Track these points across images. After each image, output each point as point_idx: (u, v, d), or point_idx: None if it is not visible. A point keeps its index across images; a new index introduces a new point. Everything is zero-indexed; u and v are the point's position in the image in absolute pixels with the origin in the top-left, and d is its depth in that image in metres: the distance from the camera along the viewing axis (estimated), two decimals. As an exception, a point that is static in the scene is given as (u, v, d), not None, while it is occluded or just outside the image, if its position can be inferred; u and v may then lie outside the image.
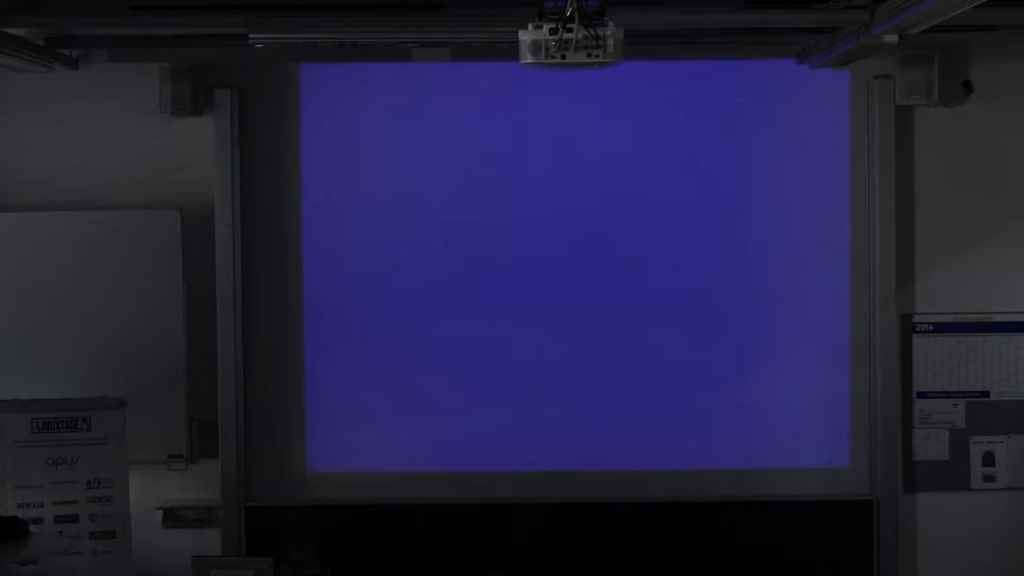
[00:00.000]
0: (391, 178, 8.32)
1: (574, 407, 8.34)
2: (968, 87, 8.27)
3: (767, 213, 8.34)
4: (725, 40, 7.99)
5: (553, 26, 5.33)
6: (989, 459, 8.35)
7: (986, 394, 8.34)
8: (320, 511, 7.97)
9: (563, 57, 5.37)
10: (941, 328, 8.33)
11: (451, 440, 8.36)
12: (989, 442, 8.35)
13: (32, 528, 7.40)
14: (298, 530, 7.50)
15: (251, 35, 6.95)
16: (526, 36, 5.39)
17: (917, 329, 8.34)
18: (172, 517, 8.36)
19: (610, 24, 5.36)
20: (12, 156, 8.30)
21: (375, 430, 8.36)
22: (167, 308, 8.12)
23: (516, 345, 8.34)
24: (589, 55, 5.36)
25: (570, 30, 5.32)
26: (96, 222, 8.15)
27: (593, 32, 5.33)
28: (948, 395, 8.34)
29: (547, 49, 5.37)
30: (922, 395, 8.35)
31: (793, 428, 8.34)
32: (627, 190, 8.32)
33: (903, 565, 8.32)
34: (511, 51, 5.62)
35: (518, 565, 8.05)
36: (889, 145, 8.24)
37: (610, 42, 5.35)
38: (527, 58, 5.42)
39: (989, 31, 7.80)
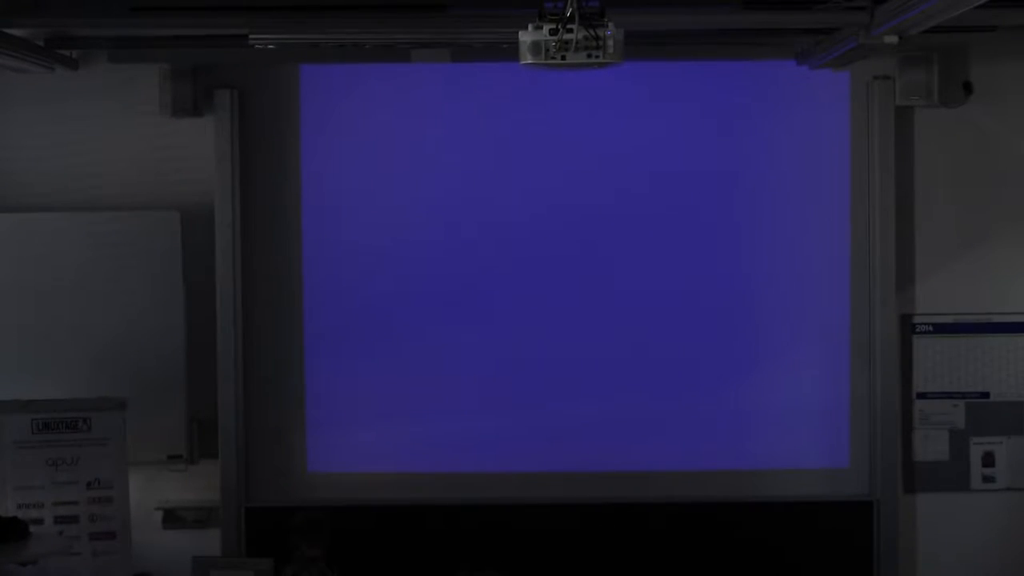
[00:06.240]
0: (390, 178, 8.32)
1: (574, 407, 8.34)
2: (968, 87, 8.27)
3: (767, 213, 8.34)
4: (725, 40, 7.99)
5: (553, 27, 5.33)
6: (989, 460, 8.34)
7: (986, 395, 8.34)
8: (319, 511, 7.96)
9: (563, 58, 5.37)
10: (941, 328, 8.33)
11: (451, 440, 8.35)
12: (989, 443, 8.34)
13: (32, 529, 7.40)
14: (312, 527, 7.50)
15: (251, 35, 6.96)
16: (526, 37, 5.39)
17: (917, 330, 8.34)
18: (172, 518, 8.36)
19: (610, 25, 5.35)
20: (12, 156, 8.30)
21: (375, 430, 8.36)
22: (167, 308, 8.12)
23: (515, 346, 8.34)
24: (589, 56, 5.36)
25: (570, 31, 5.32)
26: (96, 222, 8.15)
27: (593, 33, 5.33)
28: (948, 396, 8.34)
29: (547, 50, 5.37)
30: (922, 396, 8.35)
31: (793, 429, 8.34)
32: (627, 191, 8.31)
33: (903, 565, 8.32)
34: (511, 52, 5.62)
35: (518, 565, 8.04)
36: (889, 145, 8.23)
37: (610, 43, 5.35)
38: (527, 59, 5.42)
39: (989, 31, 7.79)
